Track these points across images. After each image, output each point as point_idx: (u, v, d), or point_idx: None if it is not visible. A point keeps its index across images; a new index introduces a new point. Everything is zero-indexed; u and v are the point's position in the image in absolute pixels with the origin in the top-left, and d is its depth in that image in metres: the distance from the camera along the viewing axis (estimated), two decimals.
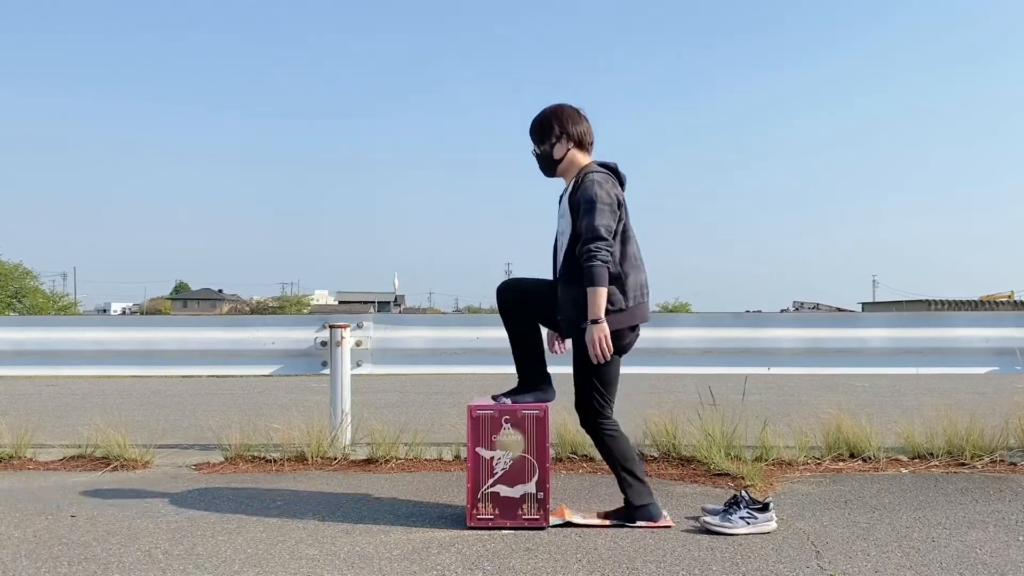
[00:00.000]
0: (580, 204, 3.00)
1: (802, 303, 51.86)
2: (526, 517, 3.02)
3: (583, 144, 3.18)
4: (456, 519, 3.16)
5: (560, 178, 3.23)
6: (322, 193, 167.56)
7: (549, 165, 3.20)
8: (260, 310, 58.00)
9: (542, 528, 3.01)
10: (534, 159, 3.25)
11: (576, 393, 3.11)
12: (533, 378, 3.22)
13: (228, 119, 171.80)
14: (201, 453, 4.61)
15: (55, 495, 3.64)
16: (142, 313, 71.57)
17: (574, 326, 3.04)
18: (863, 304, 54.20)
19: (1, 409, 5.17)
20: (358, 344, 4.79)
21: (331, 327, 4.72)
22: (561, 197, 3.20)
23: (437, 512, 3.29)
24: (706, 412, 4.25)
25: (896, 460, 4.21)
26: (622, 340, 3.06)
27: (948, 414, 4.30)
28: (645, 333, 3.34)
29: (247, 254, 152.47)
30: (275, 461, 4.26)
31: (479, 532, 2.99)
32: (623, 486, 3.10)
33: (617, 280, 3.02)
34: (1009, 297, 43.81)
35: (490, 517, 3.03)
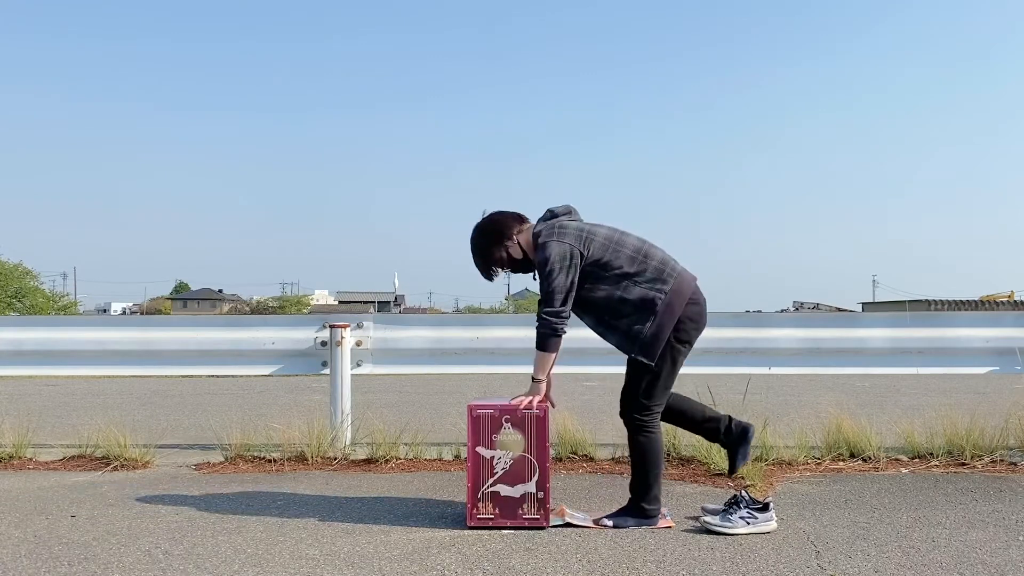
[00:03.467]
0: (538, 267, 3.05)
1: (802, 303, 51.84)
2: (526, 517, 3.02)
3: (517, 230, 3.16)
4: (456, 519, 3.16)
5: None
6: (322, 193, 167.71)
7: (524, 266, 3.19)
8: (260, 310, 58.05)
9: (542, 528, 3.01)
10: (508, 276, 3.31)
11: (624, 383, 3.10)
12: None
13: (228, 119, 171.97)
14: (201, 453, 4.61)
15: (55, 495, 3.64)
16: (142, 313, 71.55)
17: (627, 347, 3.04)
18: (863, 304, 54.18)
19: (1, 409, 5.16)
20: (358, 344, 4.79)
21: (331, 327, 4.73)
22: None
23: (437, 512, 3.29)
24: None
25: (896, 460, 4.21)
26: (681, 331, 3.02)
27: (948, 414, 4.30)
28: None
29: (247, 254, 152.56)
30: (275, 461, 4.27)
31: (479, 532, 2.99)
32: (635, 486, 3.07)
33: (637, 281, 3.01)
34: (1009, 297, 43.78)
35: (490, 517, 3.03)
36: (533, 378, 3.09)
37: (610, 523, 3.05)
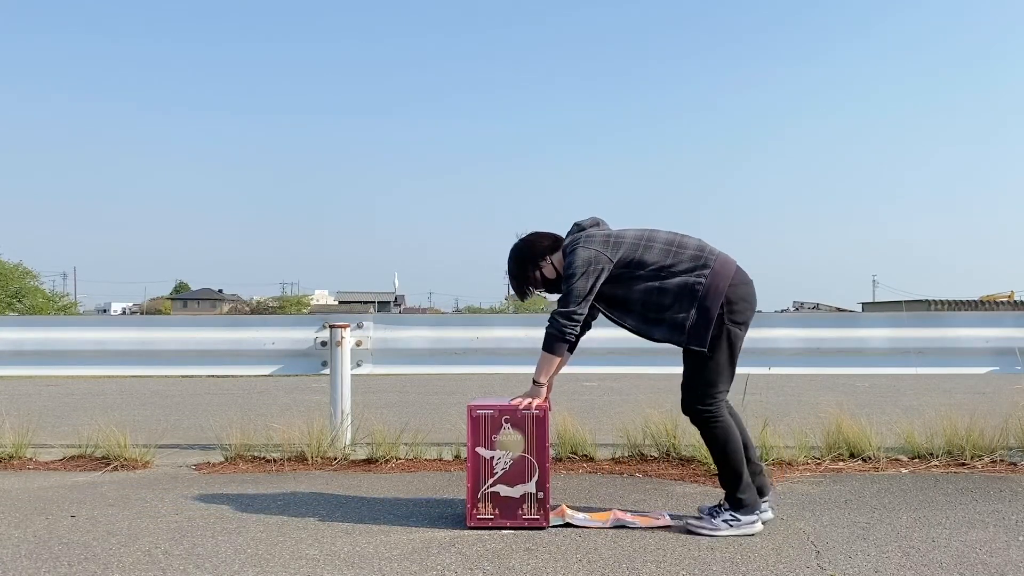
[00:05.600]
0: (564, 271, 3.05)
1: (802, 303, 51.85)
2: (526, 517, 3.02)
3: (551, 250, 3.16)
4: (456, 519, 3.16)
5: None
6: (322, 193, 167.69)
7: (557, 285, 3.15)
8: (260, 310, 58.04)
9: (542, 528, 3.01)
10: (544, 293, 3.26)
11: (684, 377, 3.05)
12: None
13: (228, 119, 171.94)
14: (201, 453, 4.61)
15: (55, 495, 3.64)
16: (142, 313, 71.56)
17: (678, 338, 2.98)
18: (863, 304, 54.17)
19: (1, 409, 5.16)
20: (358, 344, 4.79)
21: (331, 327, 4.72)
22: None
23: (437, 512, 3.29)
24: None
25: (896, 460, 4.21)
26: (735, 312, 2.96)
27: (948, 414, 4.30)
28: None
29: (247, 254, 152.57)
30: (275, 461, 4.27)
31: (479, 532, 2.99)
32: (724, 479, 3.01)
33: (671, 276, 2.97)
34: (1009, 297, 43.78)
35: (490, 517, 3.03)
36: (534, 380, 3.08)
37: (705, 524, 2.96)
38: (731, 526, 2.93)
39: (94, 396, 7.84)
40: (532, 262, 3.16)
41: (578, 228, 3.17)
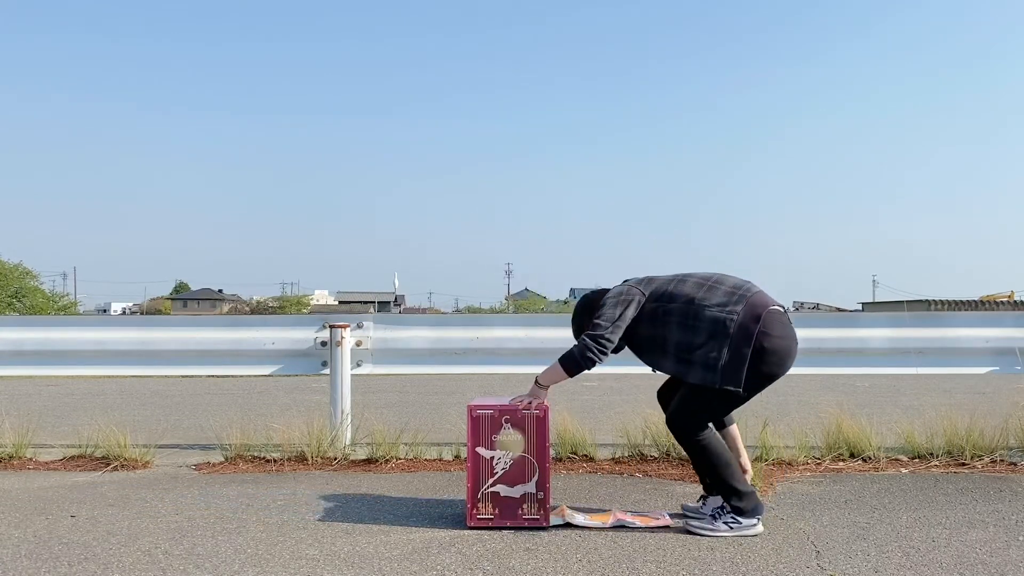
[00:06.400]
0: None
1: (802, 303, 51.85)
2: (526, 517, 3.02)
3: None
4: (456, 519, 3.16)
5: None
6: (322, 193, 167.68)
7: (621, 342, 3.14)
8: (260, 310, 58.07)
9: (542, 528, 3.01)
10: None
11: (683, 395, 3.00)
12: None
13: (228, 119, 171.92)
14: (201, 453, 4.61)
15: (55, 495, 3.64)
16: (142, 313, 71.57)
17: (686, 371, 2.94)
18: (863, 304, 54.18)
19: (1, 409, 5.16)
20: (358, 344, 4.79)
21: (331, 327, 4.72)
22: None
23: (437, 512, 3.30)
24: None
25: (896, 460, 4.21)
26: (764, 362, 2.86)
27: (948, 414, 4.30)
28: None
29: (247, 254, 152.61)
30: (275, 461, 4.27)
31: (479, 532, 2.99)
32: (720, 489, 2.97)
33: (701, 318, 2.90)
34: (1009, 297, 43.78)
35: (490, 517, 3.03)
36: (537, 381, 3.06)
37: (705, 525, 2.96)
38: (731, 528, 2.93)
39: (94, 396, 7.84)
40: (591, 313, 3.13)
41: (624, 283, 3.17)
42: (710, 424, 3.01)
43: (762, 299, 2.92)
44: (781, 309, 2.94)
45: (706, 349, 2.87)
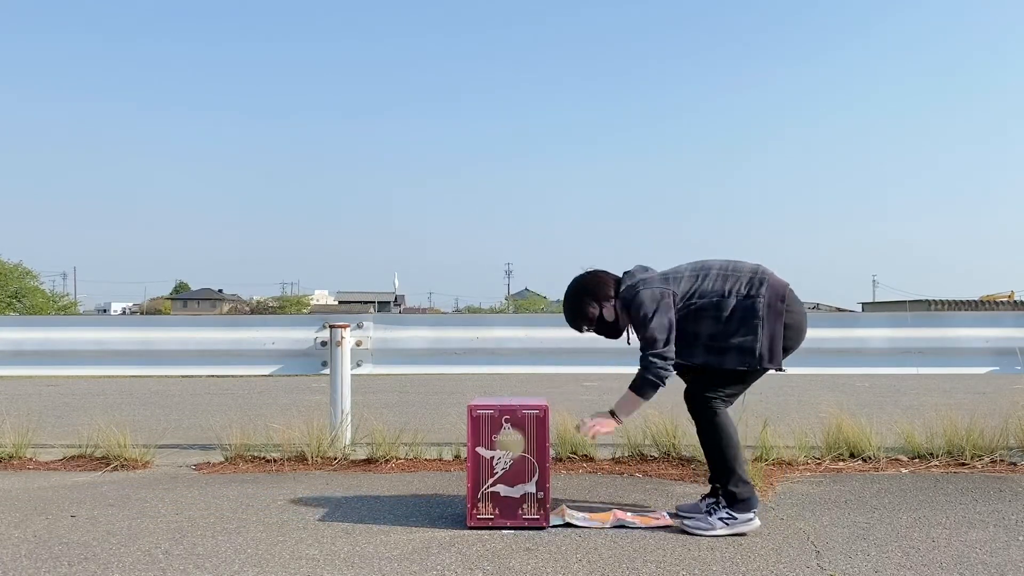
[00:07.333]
0: (633, 320, 3.02)
1: (802, 303, 51.74)
2: (526, 517, 3.02)
3: (616, 292, 3.10)
4: (456, 519, 3.16)
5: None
6: (322, 193, 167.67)
7: (610, 328, 3.13)
8: (260, 310, 58.12)
9: (542, 528, 3.01)
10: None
11: (703, 374, 3.05)
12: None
13: (228, 119, 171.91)
14: (201, 453, 4.61)
15: (55, 495, 3.64)
16: (142, 313, 71.58)
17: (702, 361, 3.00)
18: (863, 304, 54.17)
19: (1, 409, 5.17)
20: (358, 344, 4.79)
21: (331, 327, 4.72)
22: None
23: (437, 512, 3.30)
24: None
25: (896, 460, 4.21)
26: (784, 338, 2.98)
27: (948, 414, 4.30)
28: None
29: (247, 254, 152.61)
30: (275, 461, 4.27)
31: (479, 532, 2.99)
32: (716, 475, 3.01)
33: (722, 306, 2.96)
34: (1009, 297, 43.77)
35: (490, 517, 3.03)
36: (613, 413, 3.02)
37: (700, 524, 2.97)
38: (727, 524, 2.93)
39: (94, 396, 7.85)
40: (596, 301, 3.09)
41: (629, 276, 3.11)
42: (726, 406, 3.04)
43: (778, 278, 3.08)
44: (789, 287, 3.11)
45: (741, 336, 2.95)
